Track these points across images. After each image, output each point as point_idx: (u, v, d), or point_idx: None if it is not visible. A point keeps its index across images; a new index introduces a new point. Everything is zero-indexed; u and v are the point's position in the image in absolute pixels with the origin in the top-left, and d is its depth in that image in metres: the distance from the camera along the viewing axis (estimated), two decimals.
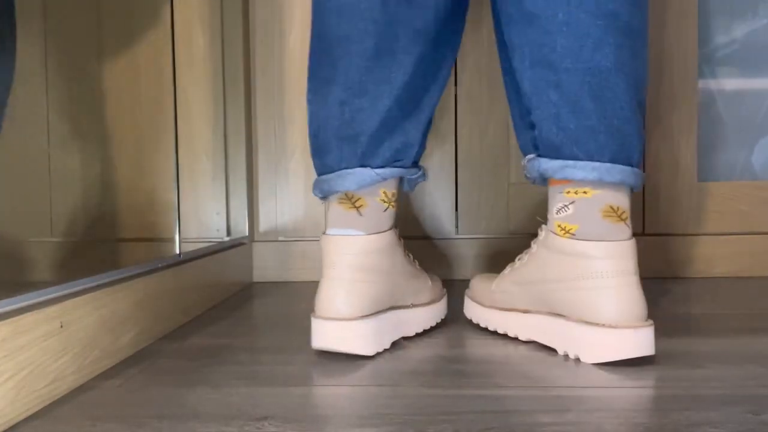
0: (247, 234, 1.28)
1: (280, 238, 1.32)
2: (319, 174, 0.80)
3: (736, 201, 1.28)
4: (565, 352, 0.75)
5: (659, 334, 0.84)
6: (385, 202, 0.79)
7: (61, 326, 0.62)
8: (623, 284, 0.71)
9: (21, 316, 0.56)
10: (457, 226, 1.30)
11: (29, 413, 0.58)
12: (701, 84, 1.31)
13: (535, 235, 0.82)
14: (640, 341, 0.70)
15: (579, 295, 0.72)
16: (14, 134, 0.75)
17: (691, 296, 1.10)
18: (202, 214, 1.19)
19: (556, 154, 0.75)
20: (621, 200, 0.75)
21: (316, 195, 0.80)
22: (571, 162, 0.74)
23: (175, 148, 0.98)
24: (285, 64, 1.30)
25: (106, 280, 0.74)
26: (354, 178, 0.77)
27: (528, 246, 0.83)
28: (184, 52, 1.07)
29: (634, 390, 0.63)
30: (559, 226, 0.76)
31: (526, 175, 0.85)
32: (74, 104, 0.86)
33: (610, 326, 0.70)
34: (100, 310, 0.70)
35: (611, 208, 0.74)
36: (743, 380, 0.65)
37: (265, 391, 0.64)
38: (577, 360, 0.73)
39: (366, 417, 0.57)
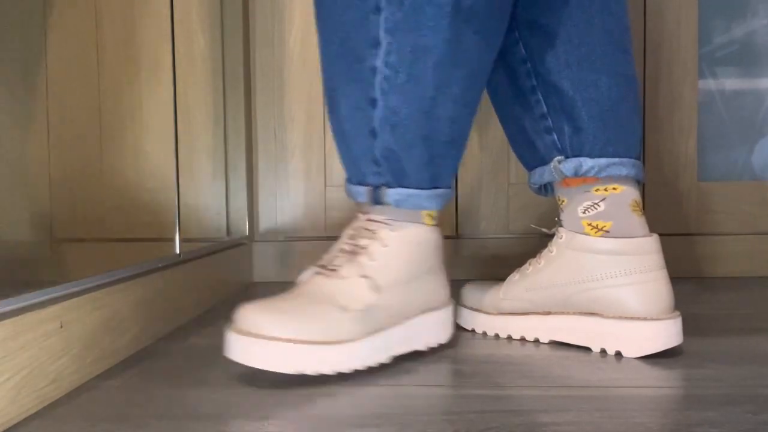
0: (247, 234, 1.28)
1: (280, 238, 1.32)
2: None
3: (736, 201, 1.28)
4: (601, 349, 0.76)
5: None
6: None
7: (61, 326, 0.62)
8: (660, 277, 0.75)
9: (21, 316, 0.56)
10: (457, 226, 1.30)
11: (29, 413, 0.58)
12: (701, 84, 1.31)
13: (535, 236, 0.82)
14: (678, 331, 0.74)
15: (618, 291, 0.74)
16: (14, 134, 0.75)
17: (691, 296, 1.09)
18: (202, 214, 1.19)
19: (599, 152, 0.78)
20: (638, 195, 0.79)
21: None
22: (616, 159, 0.77)
23: (175, 148, 0.98)
24: (285, 64, 1.30)
25: (106, 280, 0.74)
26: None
27: (526, 245, 0.83)
28: (184, 52, 1.07)
29: (634, 390, 0.63)
30: (589, 224, 0.78)
31: (532, 183, 0.85)
32: (74, 104, 0.86)
33: (654, 319, 0.73)
34: (100, 310, 0.70)
35: (635, 202, 0.78)
36: (743, 380, 0.65)
37: (265, 391, 0.64)
38: (618, 355, 0.74)
39: (366, 417, 0.57)
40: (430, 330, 0.76)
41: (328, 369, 0.65)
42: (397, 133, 0.72)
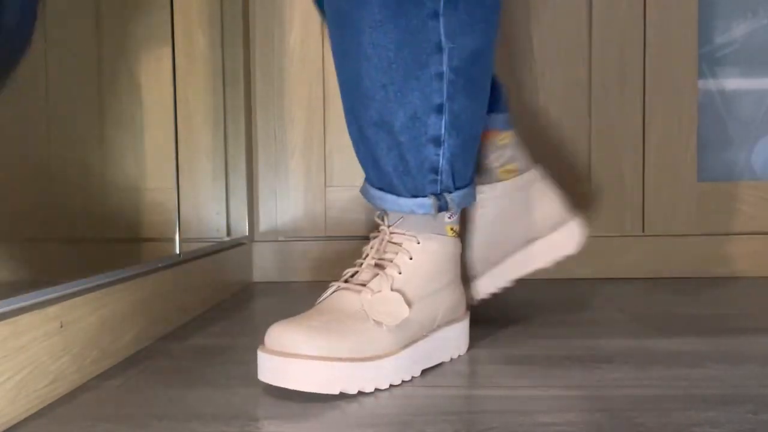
0: (247, 234, 1.28)
1: (280, 238, 1.32)
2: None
3: (736, 201, 1.28)
4: (553, 260, 0.88)
5: (659, 334, 0.84)
6: None
7: (61, 326, 0.62)
8: (555, 189, 0.90)
9: (21, 316, 0.56)
10: None
11: (29, 413, 0.58)
12: (701, 84, 1.31)
13: None
14: (579, 227, 0.90)
15: (542, 212, 0.87)
16: (14, 134, 0.75)
17: (691, 296, 1.10)
18: (202, 214, 1.19)
19: (502, 108, 0.87)
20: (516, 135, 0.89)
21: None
22: (501, 116, 0.87)
23: (175, 148, 0.98)
24: (285, 64, 1.30)
25: (106, 280, 0.74)
26: None
27: None
28: (184, 52, 1.07)
29: (635, 390, 0.63)
30: (504, 171, 0.86)
31: None
32: (74, 104, 0.86)
33: (573, 216, 0.90)
34: (100, 310, 0.70)
35: (519, 141, 0.90)
36: (743, 380, 0.65)
37: (265, 391, 0.64)
38: (566, 257, 0.88)
39: (366, 417, 0.57)
40: (453, 341, 0.75)
41: (370, 386, 0.63)
42: (461, 137, 0.72)
